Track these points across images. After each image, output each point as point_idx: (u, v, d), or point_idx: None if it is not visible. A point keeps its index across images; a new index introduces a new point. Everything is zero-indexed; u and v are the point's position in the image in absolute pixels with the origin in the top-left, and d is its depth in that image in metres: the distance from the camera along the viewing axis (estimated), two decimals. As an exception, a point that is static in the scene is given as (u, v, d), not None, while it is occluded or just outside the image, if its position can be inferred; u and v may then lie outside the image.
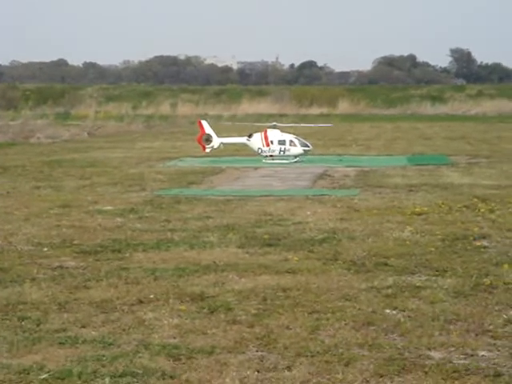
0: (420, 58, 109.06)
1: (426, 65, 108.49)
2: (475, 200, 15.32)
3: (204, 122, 26.61)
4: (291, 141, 25.05)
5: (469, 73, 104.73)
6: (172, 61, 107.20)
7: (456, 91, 79.75)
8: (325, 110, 67.23)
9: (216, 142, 25.84)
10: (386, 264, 9.95)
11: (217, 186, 18.77)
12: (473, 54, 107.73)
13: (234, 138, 27.21)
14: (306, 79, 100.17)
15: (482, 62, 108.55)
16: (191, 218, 13.61)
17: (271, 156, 25.06)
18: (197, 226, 12.86)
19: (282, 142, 24.98)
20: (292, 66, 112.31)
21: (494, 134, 39.78)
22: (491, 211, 14.02)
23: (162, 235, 12.02)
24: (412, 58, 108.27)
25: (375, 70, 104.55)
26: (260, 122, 55.13)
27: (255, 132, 25.77)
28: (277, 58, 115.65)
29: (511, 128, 45.72)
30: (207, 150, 26.01)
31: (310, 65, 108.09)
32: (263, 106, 68.15)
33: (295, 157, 25.04)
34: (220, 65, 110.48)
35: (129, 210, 14.57)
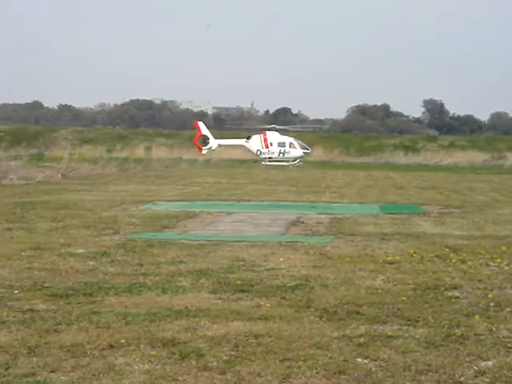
0: (393, 108, 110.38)
1: (400, 115, 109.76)
2: (447, 250, 15.43)
3: (201, 124, 26.24)
4: (291, 143, 24.77)
5: (441, 124, 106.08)
6: (148, 105, 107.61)
7: (428, 141, 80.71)
8: (299, 157, 67.65)
9: (213, 143, 25.57)
10: (358, 312, 9.96)
11: (190, 231, 18.75)
12: (445, 106, 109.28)
13: (231, 140, 26.89)
14: (282, 125, 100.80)
15: (454, 114, 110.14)
16: (164, 263, 13.57)
17: (270, 158, 24.80)
18: (169, 270, 12.83)
19: (281, 144, 24.69)
20: (267, 112, 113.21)
21: (466, 184, 40.18)
22: (462, 262, 14.11)
23: (135, 279, 11.97)
24: (385, 107, 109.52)
25: (349, 119, 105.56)
26: (235, 168, 55.19)
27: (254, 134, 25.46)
28: (252, 104, 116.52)
29: (482, 179, 46.23)
30: (203, 152, 25.76)
31: (285, 111, 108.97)
32: (238, 152, 68.33)
33: (295, 159, 24.77)
34: (196, 109, 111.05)
35: (101, 253, 14.51)
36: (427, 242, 16.94)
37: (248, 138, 25.08)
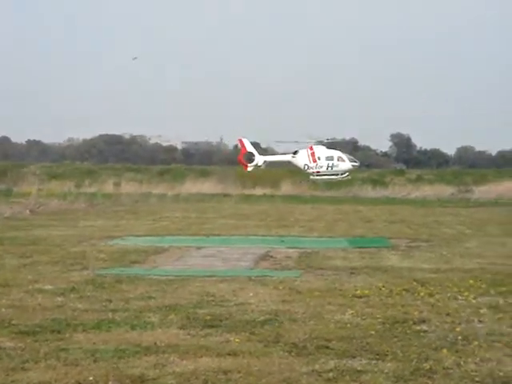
0: (361, 142, 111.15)
1: (367, 149, 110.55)
2: (415, 283, 15.53)
3: (245, 141, 26.03)
4: (339, 156, 24.56)
5: (408, 157, 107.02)
6: (117, 139, 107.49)
7: (396, 175, 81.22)
8: (268, 191, 67.81)
9: (259, 159, 25.34)
10: (327, 347, 10.00)
11: (159, 266, 18.71)
12: (412, 140, 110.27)
13: (277, 155, 26.68)
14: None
15: (421, 148, 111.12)
16: (133, 298, 13.53)
17: (318, 172, 24.56)
18: (138, 306, 12.79)
19: (329, 158, 24.40)
20: (236, 146, 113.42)
21: (433, 218, 40.49)
22: (430, 295, 14.21)
23: (103, 315, 11.92)
24: (353, 141, 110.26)
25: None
26: (204, 202, 55.09)
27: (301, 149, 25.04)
28: (221, 139, 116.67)
29: (449, 213, 46.61)
30: (249, 169, 25.53)
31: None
32: (207, 186, 68.49)
33: (343, 173, 24.53)
34: (165, 144, 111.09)
35: (70, 289, 14.43)
36: (395, 275, 17.04)
37: (295, 153, 24.79)
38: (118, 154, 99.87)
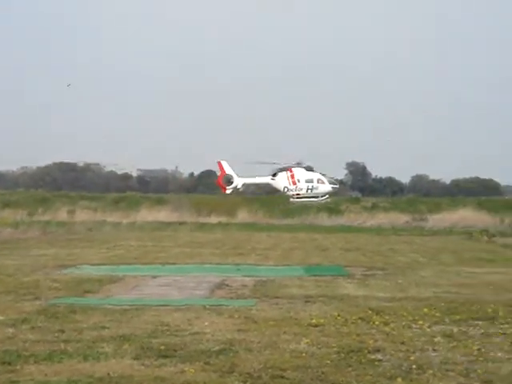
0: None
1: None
2: (370, 312, 15.57)
3: (224, 163, 25.88)
4: (319, 178, 24.54)
5: (364, 185, 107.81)
6: (71, 167, 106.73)
7: (352, 203, 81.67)
8: (224, 219, 67.64)
9: (238, 182, 25.17)
10: (282, 377, 9.95)
11: (114, 295, 18.52)
12: (368, 168, 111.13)
13: (256, 178, 26.49)
14: (205, 188, 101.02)
15: (376, 176, 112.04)
16: (86, 328, 13.36)
17: (298, 195, 24.46)
18: (92, 336, 12.63)
19: (309, 180, 24.36)
20: (192, 174, 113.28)
21: (388, 246, 40.72)
22: (385, 324, 14.25)
23: (55, 346, 11.74)
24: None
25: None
26: (160, 231, 54.79)
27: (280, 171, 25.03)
28: (176, 167, 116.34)
29: (404, 241, 46.93)
30: (228, 192, 25.38)
31: (209, 174, 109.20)
32: (163, 214, 68.15)
33: (324, 195, 24.49)
34: (120, 172, 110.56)
35: (21, 319, 14.20)
36: (351, 304, 17.07)
37: (274, 175, 24.74)
38: (72, 182, 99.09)
